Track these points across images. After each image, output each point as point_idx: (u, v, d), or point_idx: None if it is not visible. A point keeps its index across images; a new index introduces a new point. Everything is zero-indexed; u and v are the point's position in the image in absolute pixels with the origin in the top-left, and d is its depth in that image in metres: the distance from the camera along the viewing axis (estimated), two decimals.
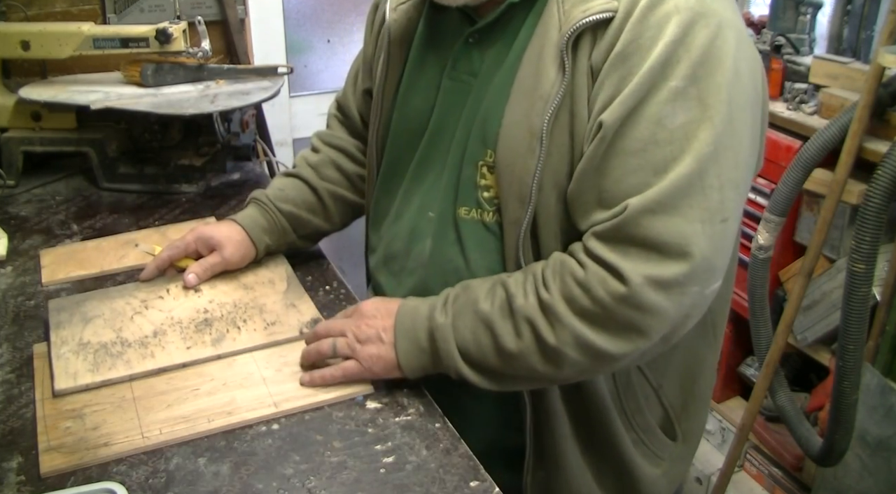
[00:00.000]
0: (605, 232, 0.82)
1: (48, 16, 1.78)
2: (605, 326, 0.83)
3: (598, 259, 0.83)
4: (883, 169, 1.48)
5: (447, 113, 0.99)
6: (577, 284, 0.83)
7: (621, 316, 0.82)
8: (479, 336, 0.89)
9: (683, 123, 0.80)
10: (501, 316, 0.87)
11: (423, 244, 1.01)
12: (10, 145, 1.60)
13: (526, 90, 0.88)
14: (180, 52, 1.57)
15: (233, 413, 0.92)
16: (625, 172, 0.81)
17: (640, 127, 0.81)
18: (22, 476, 0.84)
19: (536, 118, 0.86)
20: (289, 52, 2.13)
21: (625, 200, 0.81)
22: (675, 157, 0.80)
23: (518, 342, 0.86)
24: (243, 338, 1.05)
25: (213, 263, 1.16)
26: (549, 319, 0.85)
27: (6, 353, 1.05)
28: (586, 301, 0.82)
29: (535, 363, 0.86)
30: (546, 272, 0.87)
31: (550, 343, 0.84)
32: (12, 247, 1.33)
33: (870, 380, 1.64)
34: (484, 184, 0.94)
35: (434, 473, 0.84)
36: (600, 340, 0.83)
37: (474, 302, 0.90)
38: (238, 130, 1.70)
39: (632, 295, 0.80)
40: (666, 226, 0.79)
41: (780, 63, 1.90)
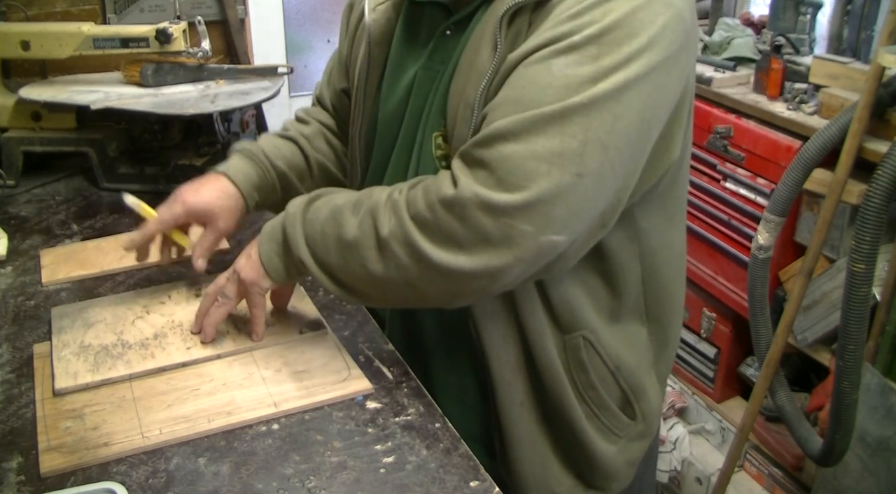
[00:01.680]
0: (465, 149, 0.85)
1: (48, 16, 1.78)
2: (430, 230, 0.84)
3: (451, 168, 0.85)
4: (883, 169, 1.48)
5: (419, 100, 1.01)
6: (421, 187, 0.87)
7: (445, 223, 0.82)
8: (326, 226, 0.91)
9: (568, 75, 0.80)
10: (352, 210, 0.90)
11: None
12: (10, 145, 1.60)
13: (467, 65, 0.92)
14: (180, 52, 1.57)
15: (233, 413, 0.92)
16: (499, 102, 0.84)
17: (529, 68, 0.83)
18: (22, 476, 0.84)
19: (471, 91, 0.89)
20: (289, 52, 2.13)
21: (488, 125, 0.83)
22: (545, 100, 0.80)
23: (357, 232, 0.88)
24: (243, 339, 1.05)
25: (212, 241, 1.12)
26: (387, 213, 0.87)
27: (6, 353, 1.05)
28: (421, 203, 0.85)
29: (367, 256, 0.88)
30: (408, 182, 0.90)
31: (382, 234, 0.86)
32: (12, 247, 1.33)
33: (870, 380, 1.64)
34: (441, 154, 0.97)
35: (434, 473, 0.85)
36: (423, 243, 0.84)
37: (332, 199, 0.94)
38: (238, 130, 1.71)
39: (456, 201, 0.81)
40: (512, 154, 0.80)
41: (780, 63, 1.90)
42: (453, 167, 0.85)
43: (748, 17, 2.26)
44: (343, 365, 1.01)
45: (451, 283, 0.85)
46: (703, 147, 1.99)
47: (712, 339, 2.15)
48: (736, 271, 1.97)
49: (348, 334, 1.09)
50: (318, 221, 0.93)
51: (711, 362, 2.16)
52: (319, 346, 1.04)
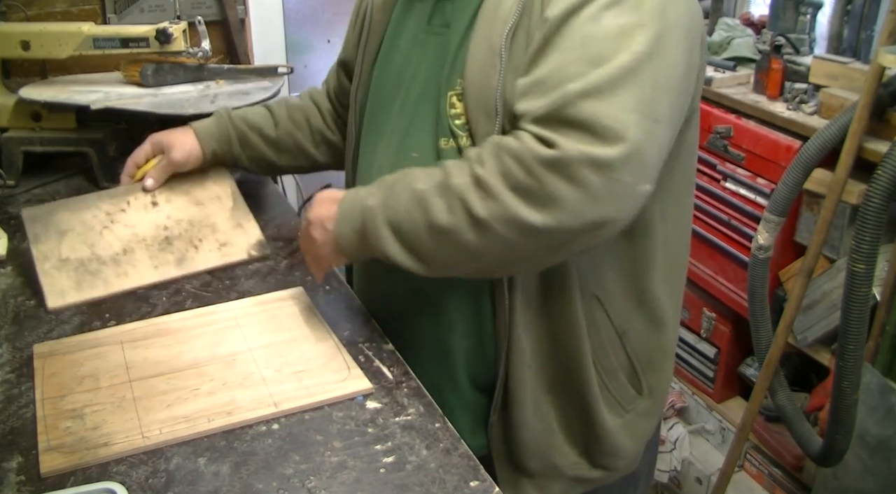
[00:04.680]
0: (543, 115, 0.84)
1: (48, 16, 1.78)
2: (533, 197, 0.83)
3: (536, 135, 0.84)
4: (883, 169, 1.48)
5: (421, 63, 1.05)
6: (511, 157, 0.84)
7: (551, 186, 0.82)
8: (412, 213, 0.90)
9: (619, 24, 0.85)
10: (437, 193, 0.89)
11: None
12: (10, 145, 1.59)
13: (489, 16, 0.95)
14: (180, 52, 1.57)
15: (233, 413, 0.92)
16: (563, 64, 0.85)
17: (578, 25, 0.86)
18: (22, 476, 0.84)
19: (496, 37, 0.93)
20: (289, 52, 2.13)
21: (562, 86, 0.83)
22: (610, 52, 0.83)
23: (450, 217, 0.87)
24: (201, 259, 1.24)
25: (163, 166, 1.31)
26: (481, 193, 0.86)
27: (6, 353, 1.05)
28: (521, 173, 0.83)
29: (466, 239, 0.87)
30: (483, 151, 0.88)
31: (480, 215, 0.85)
32: (12, 247, 1.33)
33: (870, 380, 1.64)
34: (454, 113, 0.99)
35: (434, 473, 0.85)
36: (527, 213, 0.83)
37: (411, 182, 0.92)
38: None
39: (562, 162, 0.81)
40: (602, 109, 0.81)
41: (780, 63, 1.90)
42: (537, 130, 0.84)
43: (748, 17, 2.26)
44: (343, 365, 1.01)
45: (555, 243, 0.86)
46: (704, 147, 1.99)
47: (712, 339, 2.15)
48: (736, 271, 1.97)
49: (348, 334, 1.09)
50: (401, 207, 0.91)
51: (711, 362, 2.16)
52: (319, 346, 1.05)
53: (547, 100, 0.84)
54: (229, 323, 1.10)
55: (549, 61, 0.87)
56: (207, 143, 1.32)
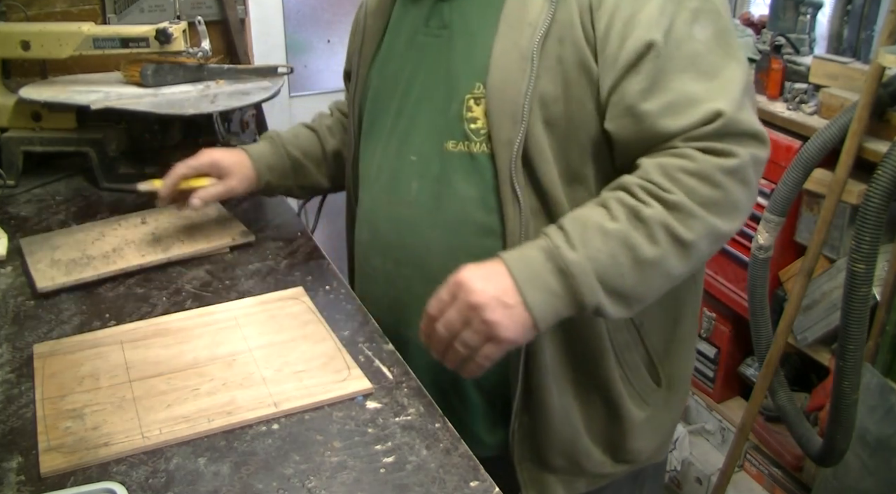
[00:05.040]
0: (708, 134, 0.89)
1: (48, 16, 1.78)
2: (721, 208, 0.88)
3: (706, 150, 0.88)
4: (883, 169, 1.48)
5: (421, 65, 1.04)
6: (692, 176, 0.88)
7: (734, 194, 0.89)
8: (616, 255, 0.87)
9: (712, 34, 0.91)
10: (633, 227, 0.87)
11: (408, 186, 1.04)
12: (10, 145, 1.59)
13: (513, 21, 0.94)
14: (180, 52, 1.57)
15: (233, 413, 0.92)
16: (686, 83, 0.89)
17: (681, 45, 0.90)
18: (22, 476, 0.84)
19: (525, 43, 0.93)
20: (289, 52, 2.13)
21: (697, 106, 0.88)
22: (719, 62, 0.91)
23: (655, 248, 0.87)
24: (187, 247, 1.29)
25: (219, 191, 1.24)
26: (680, 216, 0.87)
27: (6, 353, 1.05)
28: (707, 189, 0.87)
29: (672, 265, 0.88)
30: (654, 178, 0.89)
31: (687, 239, 0.87)
32: (12, 247, 1.33)
33: (870, 380, 1.64)
34: (470, 116, 0.98)
35: (434, 473, 0.85)
36: (722, 224, 0.89)
37: (597, 225, 0.88)
38: (238, 130, 1.71)
39: (741, 167, 0.88)
40: (750, 117, 0.91)
41: (780, 63, 1.90)
42: (708, 145, 0.88)
43: (748, 17, 2.26)
44: (343, 365, 1.01)
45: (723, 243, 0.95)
46: None
47: (712, 339, 2.15)
48: (736, 271, 1.97)
49: (348, 334, 1.09)
50: (602, 252, 0.86)
51: (711, 362, 2.16)
52: (319, 346, 1.05)
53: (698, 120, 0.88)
54: (229, 323, 1.10)
55: (671, 85, 0.90)
56: (263, 174, 1.27)
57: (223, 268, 1.27)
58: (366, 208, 1.13)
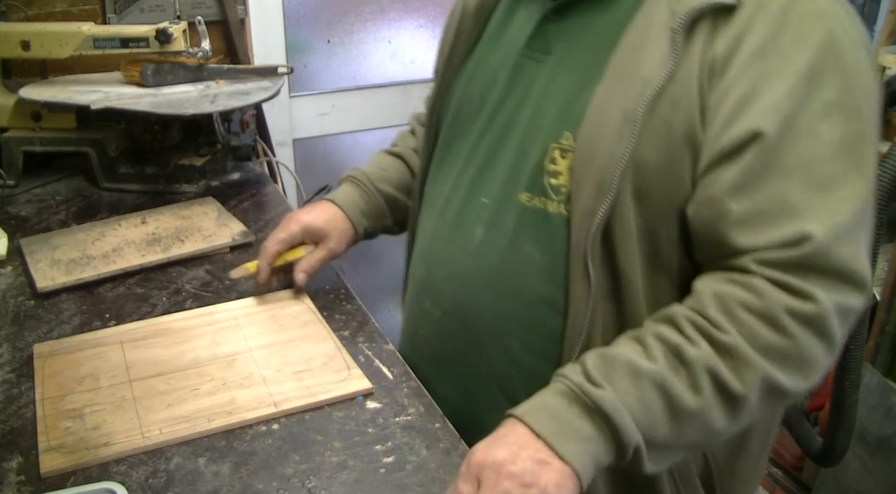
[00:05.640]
0: (786, 262, 0.74)
1: (48, 16, 1.78)
2: (792, 360, 0.73)
3: (779, 283, 0.73)
4: (883, 169, 1.48)
5: (513, 91, 0.91)
6: (755, 315, 0.73)
7: (806, 345, 0.73)
8: (648, 401, 0.74)
9: (842, 138, 0.75)
10: (673, 371, 0.74)
11: (472, 231, 0.93)
12: (10, 145, 1.59)
13: (623, 71, 0.80)
14: (180, 52, 1.57)
15: (233, 413, 0.92)
16: (786, 190, 0.74)
17: (798, 141, 0.74)
18: (22, 476, 0.84)
19: (632, 100, 0.78)
20: (289, 52, 2.13)
21: (786, 222, 0.74)
22: (840, 176, 0.74)
23: (698, 397, 0.73)
24: (187, 246, 1.29)
25: (321, 257, 1.12)
26: (732, 363, 0.73)
27: (6, 353, 1.05)
28: (770, 333, 0.73)
29: (714, 418, 0.74)
30: (707, 312, 0.75)
31: (737, 391, 0.73)
32: (12, 247, 1.33)
33: (870, 380, 1.64)
34: (553, 170, 0.85)
35: (434, 473, 0.84)
36: (784, 378, 0.73)
37: (629, 363, 0.75)
38: (238, 130, 1.70)
39: (821, 317, 0.73)
40: (852, 253, 0.74)
41: None
42: (782, 278, 0.73)
43: None
44: (343, 365, 1.01)
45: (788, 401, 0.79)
46: None
47: None
48: None
49: (348, 334, 1.09)
50: (631, 395, 0.74)
51: None
52: (319, 346, 1.05)
53: (780, 240, 0.73)
54: (229, 323, 1.10)
55: (768, 186, 0.74)
56: (360, 223, 1.14)
57: (223, 268, 1.27)
58: (426, 240, 1.03)
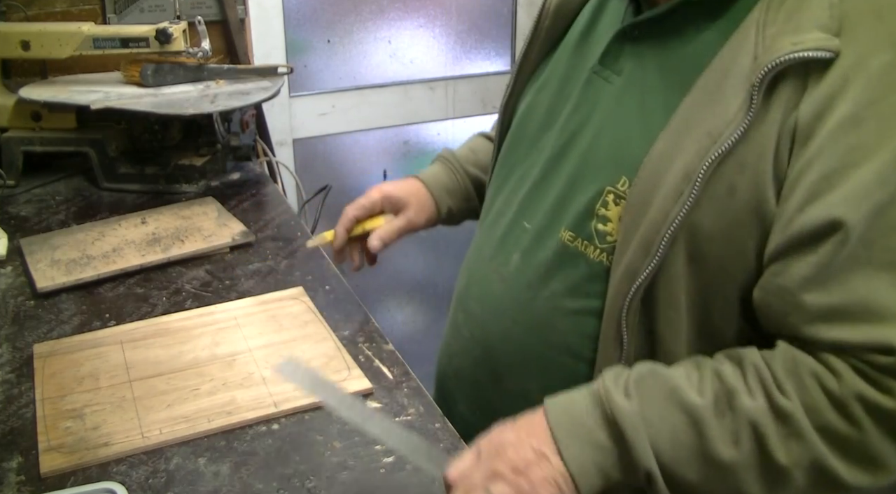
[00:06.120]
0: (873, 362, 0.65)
1: (48, 16, 1.78)
2: (854, 452, 0.66)
3: (860, 371, 0.65)
4: None
5: (580, 109, 0.84)
6: (826, 394, 0.66)
7: (873, 441, 0.65)
8: (679, 433, 0.67)
9: None
10: (716, 413, 0.67)
11: (510, 256, 0.88)
12: (10, 145, 1.59)
13: (691, 119, 0.71)
14: (180, 52, 1.57)
15: (233, 413, 0.92)
16: (875, 288, 0.64)
17: (888, 237, 0.64)
18: (22, 476, 0.84)
19: (696, 157, 0.69)
20: (289, 52, 2.13)
21: (875, 325, 0.64)
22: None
23: (734, 451, 0.67)
24: (187, 246, 1.30)
25: (399, 226, 1.05)
26: (783, 430, 0.66)
27: (6, 353, 1.05)
28: (836, 416, 0.65)
29: (748, 481, 0.67)
30: (775, 369, 0.68)
31: (779, 461, 0.66)
32: (12, 247, 1.33)
33: None
34: (603, 215, 0.78)
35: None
36: (842, 468, 0.65)
37: (673, 389, 0.69)
38: (238, 130, 1.70)
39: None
40: None
41: None
42: (865, 368, 0.65)
43: None
44: (343, 365, 1.01)
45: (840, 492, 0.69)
46: None
47: None
48: None
49: (348, 334, 1.09)
50: (664, 421, 0.68)
51: None
52: (319, 346, 1.05)
53: (871, 351, 0.64)
54: (229, 323, 1.10)
55: (849, 283, 0.65)
56: (443, 200, 1.09)
57: (223, 268, 1.27)
58: (472, 250, 0.99)
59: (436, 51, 2.30)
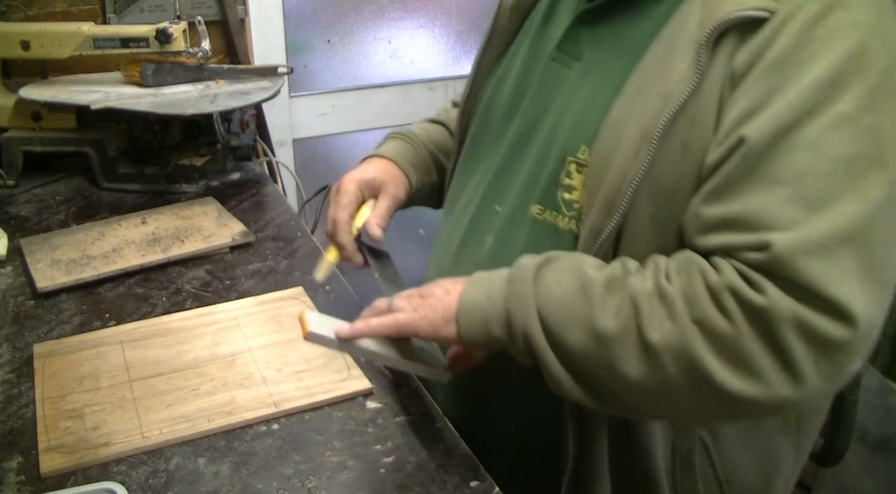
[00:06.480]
0: (752, 261, 0.67)
1: (48, 16, 1.78)
2: (723, 346, 0.67)
3: (739, 271, 0.68)
4: None
5: (539, 97, 0.88)
6: (705, 287, 0.68)
7: (749, 342, 0.66)
8: (568, 297, 0.72)
9: (850, 156, 0.66)
10: (607, 287, 0.72)
11: (483, 240, 0.90)
12: (10, 145, 1.59)
13: (645, 84, 0.75)
14: (180, 52, 1.57)
15: (233, 413, 0.92)
16: (770, 202, 0.67)
17: (793, 153, 0.66)
18: (22, 476, 0.84)
19: (651, 117, 0.72)
20: (289, 52, 2.13)
21: (766, 231, 0.66)
22: (835, 194, 0.65)
23: (614, 323, 0.70)
24: (187, 246, 1.30)
25: (388, 206, 1.02)
26: (660, 310, 0.69)
27: (6, 353, 1.05)
28: (712, 308, 0.67)
29: (622, 358, 0.70)
30: (670, 264, 0.72)
31: (651, 339, 0.68)
32: (12, 247, 1.33)
33: (870, 380, 1.64)
34: (568, 184, 0.82)
35: (434, 473, 0.84)
36: (710, 361, 0.67)
37: (577, 262, 0.74)
38: (238, 130, 1.70)
39: (768, 315, 0.65)
40: (826, 274, 0.64)
41: None
42: (744, 269, 0.67)
43: None
44: (343, 365, 1.01)
45: (727, 408, 0.69)
46: None
47: None
48: None
49: None
50: (560, 284, 0.73)
51: None
52: (319, 346, 1.04)
53: (746, 243, 0.67)
54: (229, 323, 1.10)
55: (748, 196, 0.68)
56: (411, 173, 1.07)
57: (223, 268, 1.27)
58: (442, 241, 1.00)
59: (436, 51, 2.30)
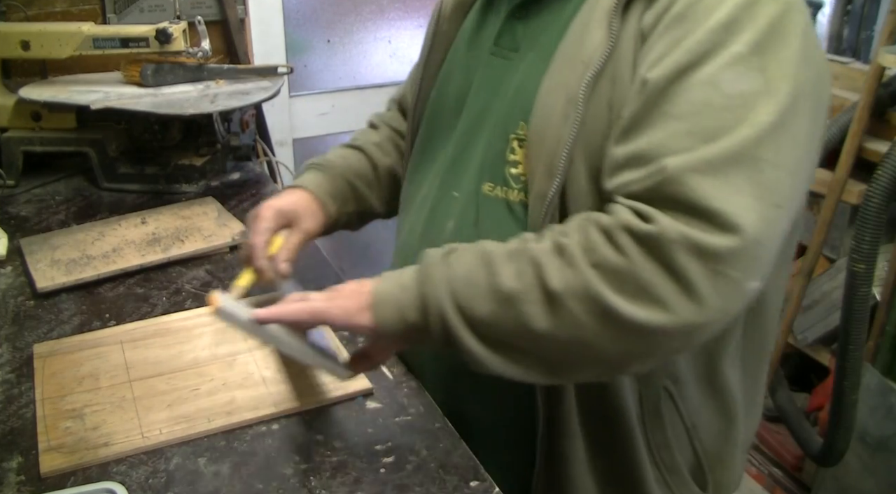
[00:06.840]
0: (641, 192, 0.71)
1: (48, 16, 1.78)
2: (620, 279, 0.70)
3: (630, 207, 0.71)
4: (883, 169, 1.48)
5: (483, 88, 0.93)
6: (598, 229, 0.72)
7: (643, 269, 0.69)
8: (475, 272, 0.76)
9: (743, 92, 0.71)
10: (507, 256, 0.75)
11: (444, 226, 0.94)
12: (10, 145, 1.59)
13: (568, 56, 0.81)
14: (180, 52, 1.57)
15: (233, 413, 0.92)
16: (669, 135, 0.71)
17: (692, 90, 0.71)
18: (22, 476, 0.84)
19: (574, 83, 0.78)
20: (289, 52, 2.13)
21: (662, 159, 0.70)
22: (729, 126, 0.70)
23: (518, 281, 0.73)
24: (187, 246, 1.30)
25: (297, 241, 1.03)
26: (558, 262, 0.72)
27: (6, 353, 1.05)
28: (607, 249, 0.71)
29: (530, 313, 0.72)
30: (568, 224, 0.76)
31: (554, 287, 0.71)
32: (12, 247, 1.33)
33: (870, 380, 1.64)
34: (513, 160, 0.87)
35: (434, 473, 0.85)
36: (610, 296, 0.69)
37: (481, 244, 0.78)
38: (238, 130, 1.70)
39: (659, 242, 0.68)
40: (712, 188, 0.68)
41: None
42: (632, 203, 0.71)
43: None
44: None
45: (639, 343, 0.72)
46: None
47: None
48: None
49: (348, 334, 1.09)
50: (463, 265, 0.77)
51: None
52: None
53: (644, 174, 0.71)
54: None
55: (651, 131, 0.72)
56: (328, 204, 1.09)
57: (223, 268, 1.27)
58: (403, 239, 1.03)
59: None
